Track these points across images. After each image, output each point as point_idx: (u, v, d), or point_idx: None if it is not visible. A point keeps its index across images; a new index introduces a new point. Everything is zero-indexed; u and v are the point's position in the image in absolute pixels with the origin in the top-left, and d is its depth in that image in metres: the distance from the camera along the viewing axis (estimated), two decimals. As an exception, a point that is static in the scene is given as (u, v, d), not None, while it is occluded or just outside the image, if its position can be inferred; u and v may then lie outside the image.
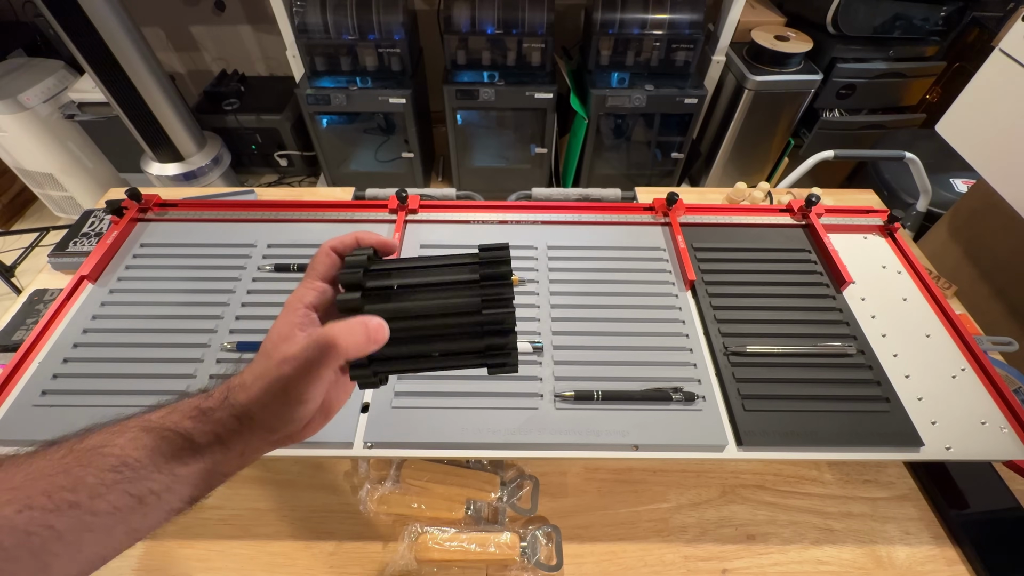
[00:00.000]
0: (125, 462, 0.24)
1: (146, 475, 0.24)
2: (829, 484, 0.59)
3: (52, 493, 0.22)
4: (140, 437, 0.25)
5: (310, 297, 0.29)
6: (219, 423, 0.26)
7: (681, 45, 1.57)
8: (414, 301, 0.28)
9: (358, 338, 0.26)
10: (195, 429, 0.26)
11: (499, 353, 0.29)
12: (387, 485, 0.56)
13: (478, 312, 0.28)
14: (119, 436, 0.25)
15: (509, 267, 0.29)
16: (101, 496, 0.23)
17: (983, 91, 0.84)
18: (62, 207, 1.91)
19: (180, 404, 0.27)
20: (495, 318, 0.28)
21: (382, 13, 1.51)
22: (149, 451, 0.25)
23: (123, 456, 0.24)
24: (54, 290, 0.71)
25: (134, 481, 0.24)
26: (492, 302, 0.28)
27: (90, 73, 1.44)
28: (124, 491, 0.24)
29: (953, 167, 1.39)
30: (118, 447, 0.25)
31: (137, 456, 0.25)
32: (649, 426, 0.49)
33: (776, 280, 0.62)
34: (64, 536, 0.22)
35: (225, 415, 0.26)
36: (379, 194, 0.78)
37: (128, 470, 0.24)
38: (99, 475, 0.23)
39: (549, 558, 0.53)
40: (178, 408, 0.27)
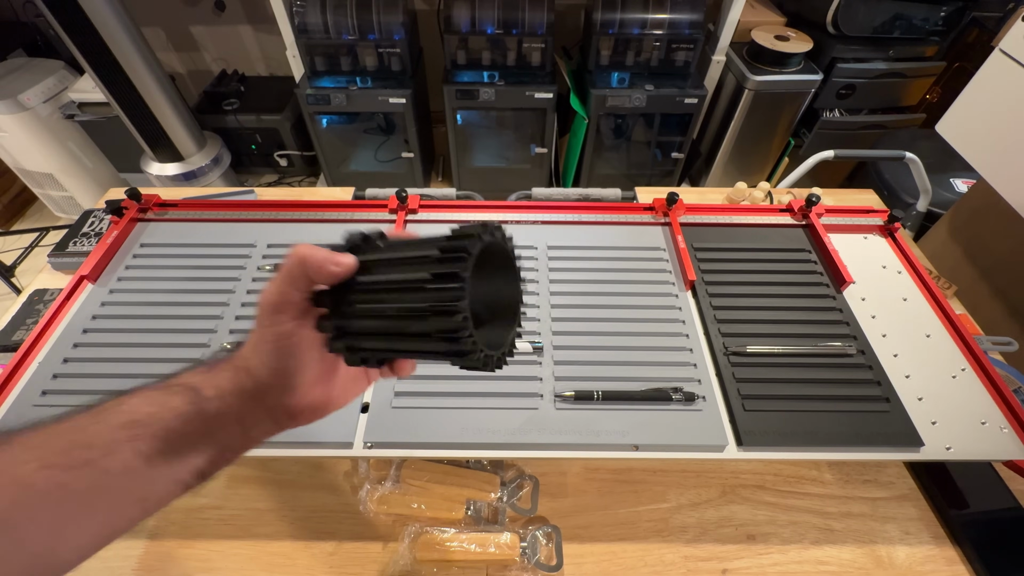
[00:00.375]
0: (136, 418, 0.25)
1: (155, 432, 0.25)
2: (829, 484, 0.59)
3: (68, 451, 0.23)
4: (151, 394, 0.26)
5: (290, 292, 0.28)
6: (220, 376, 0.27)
7: (681, 45, 1.57)
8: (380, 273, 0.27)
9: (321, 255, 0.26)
10: (200, 383, 0.27)
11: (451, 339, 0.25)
12: (387, 485, 0.56)
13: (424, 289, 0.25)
14: (132, 396, 0.26)
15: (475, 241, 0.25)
16: (113, 453, 0.24)
17: (983, 91, 0.84)
18: (62, 207, 1.91)
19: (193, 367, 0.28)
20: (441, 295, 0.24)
21: (382, 13, 1.51)
22: (159, 407, 0.26)
23: (134, 412, 0.25)
24: (54, 290, 0.71)
25: (144, 439, 0.24)
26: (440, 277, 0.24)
27: (90, 73, 1.44)
28: (134, 449, 0.24)
29: (953, 167, 1.39)
30: (130, 404, 0.25)
31: (149, 411, 0.25)
32: (649, 426, 0.49)
33: (776, 280, 0.62)
34: (79, 496, 0.23)
35: (227, 369, 0.28)
36: (379, 194, 0.78)
37: (140, 427, 0.25)
38: (112, 432, 0.24)
39: (549, 558, 0.53)
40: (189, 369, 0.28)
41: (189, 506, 0.56)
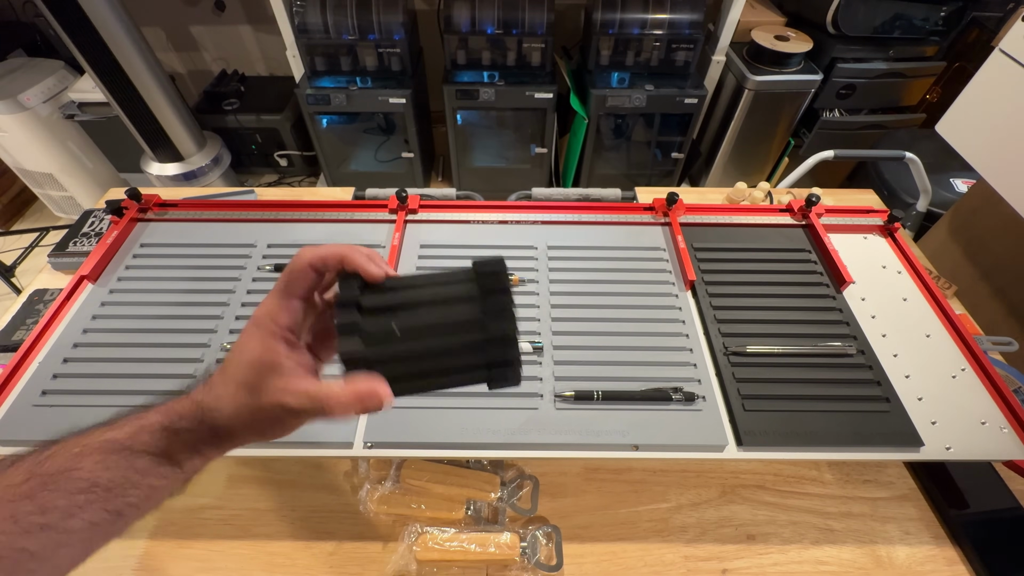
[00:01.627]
0: (96, 483, 0.24)
1: (121, 493, 0.25)
2: (829, 484, 0.59)
3: (18, 519, 0.22)
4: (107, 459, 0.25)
5: (286, 319, 0.27)
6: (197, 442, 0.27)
7: (681, 45, 1.57)
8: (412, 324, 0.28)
9: (352, 411, 0.26)
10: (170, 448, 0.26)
11: (502, 367, 0.28)
12: (387, 485, 0.56)
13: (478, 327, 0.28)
14: (84, 459, 0.25)
15: (507, 278, 0.28)
16: (74, 516, 0.23)
17: (983, 91, 0.84)
18: (62, 207, 1.91)
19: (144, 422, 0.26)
20: (496, 331, 0.27)
21: (382, 13, 1.51)
22: (121, 471, 0.25)
23: (93, 479, 0.24)
24: (54, 290, 0.71)
25: (109, 500, 0.24)
26: (492, 314, 0.27)
27: (90, 73, 1.44)
28: (100, 508, 0.24)
29: (953, 167, 1.39)
30: (85, 470, 0.24)
31: (109, 477, 0.25)
32: (649, 426, 0.49)
33: (776, 280, 0.62)
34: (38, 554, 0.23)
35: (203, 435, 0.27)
36: (379, 194, 0.78)
37: (101, 490, 0.24)
38: (70, 497, 0.24)
39: (549, 558, 0.53)
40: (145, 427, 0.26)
41: (189, 506, 0.56)
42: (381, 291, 0.29)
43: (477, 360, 0.28)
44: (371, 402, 0.26)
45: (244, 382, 0.26)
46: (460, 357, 0.28)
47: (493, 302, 0.28)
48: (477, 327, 0.28)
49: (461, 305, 0.28)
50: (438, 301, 0.28)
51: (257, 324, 0.27)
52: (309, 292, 0.29)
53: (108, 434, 0.26)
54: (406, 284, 0.29)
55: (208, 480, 0.58)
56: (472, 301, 0.28)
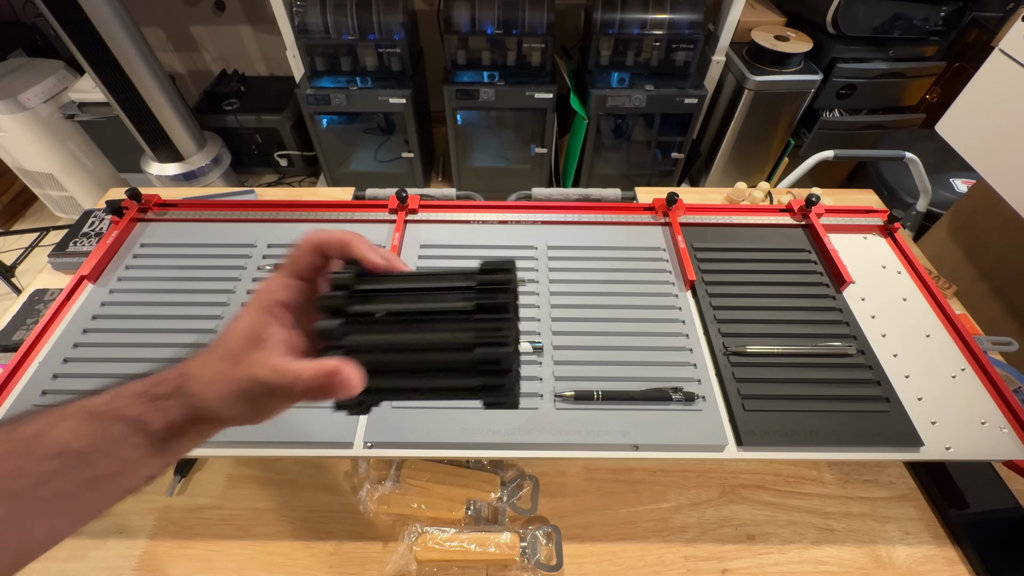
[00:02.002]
0: (67, 450, 0.24)
1: (93, 461, 0.24)
2: (829, 484, 0.59)
3: None
4: (82, 425, 0.24)
5: (283, 294, 0.27)
6: (171, 409, 0.26)
7: (681, 45, 1.57)
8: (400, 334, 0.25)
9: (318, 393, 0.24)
10: (145, 415, 0.25)
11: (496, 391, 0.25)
12: (387, 485, 0.56)
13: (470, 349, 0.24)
14: (58, 424, 0.24)
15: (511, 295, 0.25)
16: (46, 483, 0.23)
17: (983, 91, 0.84)
18: (62, 207, 1.91)
19: (124, 389, 0.26)
20: (490, 357, 0.24)
21: (382, 13, 1.51)
22: (95, 437, 0.24)
23: (64, 444, 0.24)
24: (54, 290, 0.71)
25: (80, 467, 0.24)
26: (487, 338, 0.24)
27: (90, 73, 1.44)
28: (70, 478, 0.23)
29: (953, 167, 1.39)
30: (57, 436, 0.24)
31: (82, 444, 0.24)
32: (649, 426, 0.49)
33: (776, 280, 0.62)
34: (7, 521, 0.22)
35: (178, 404, 0.26)
36: (379, 194, 0.78)
37: (72, 457, 0.24)
38: (40, 463, 0.23)
39: (549, 558, 0.53)
40: (123, 393, 0.26)
41: (189, 506, 0.56)
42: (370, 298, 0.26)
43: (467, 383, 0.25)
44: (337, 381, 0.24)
45: (227, 350, 0.26)
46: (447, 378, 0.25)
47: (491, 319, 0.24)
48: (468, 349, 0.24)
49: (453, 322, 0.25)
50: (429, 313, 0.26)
51: (255, 298, 0.27)
52: (312, 274, 0.28)
53: (87, 401, 0.26)
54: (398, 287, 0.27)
55: (208, 480, 0.58)
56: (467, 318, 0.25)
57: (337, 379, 0.24)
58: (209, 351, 0.27)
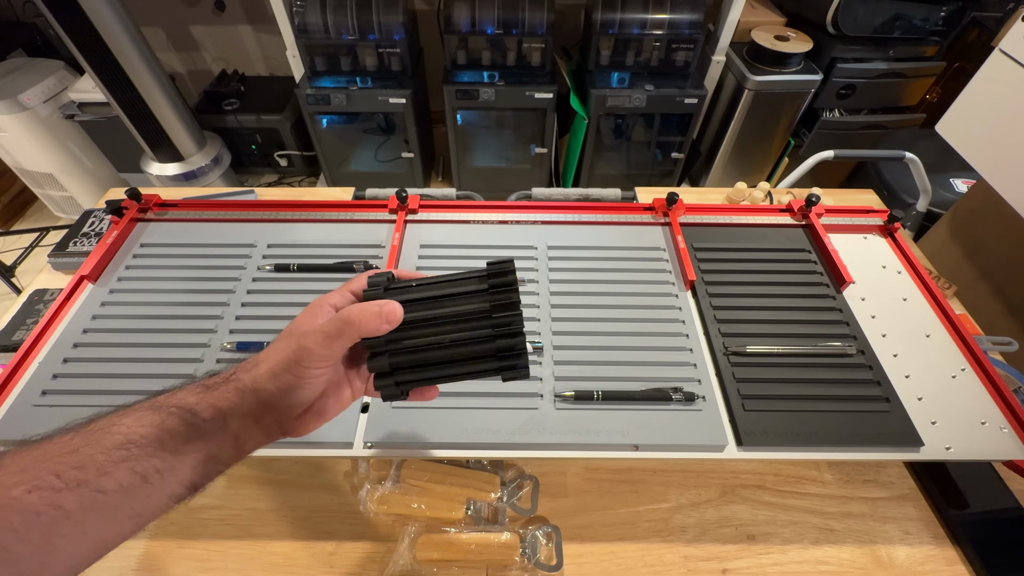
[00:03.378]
0: (131, 439, 0.25)
1: (151, 452, 0.25)
2: (829, 484, 0.59)
3: (61, 472, 0.23)
4: (145, 415, 0.26)
5: (336, 299, 0.31)
6: (220, 396, 0.27)
7: (681, 45, 1.57)
8: (429, 310, 0.31)
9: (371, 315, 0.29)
10: (197, 404, 0.27)
11: (510, 355, 0.31)
12: (387, 485, 0.56)
13: (488, 316, 0.31)
14: (125, 416, 0.26)
15: (514, 276, 0.31)
16: (108, 474, 0.24)
17: (983, 91, 0.84)
18: (62, 207, 1.91)
19: (190, 384, 0.29)
20: (503, 321, 0.30)
21: (382, 13, 1.51)
22: (154, 428, 0.26)
23: (129, 434, 0.25)
24: (54, 290, 0.71)
25: (139, 459, 0.25)
26: (500, 307, 0.30)
27: (90, 73, 1.44)
28: (130, 468, 0.24)
29: (953, 167, 1.39)
30: (125, 426, 0.25)
31: (143, 433, 0.25)
32: (649, 426, 0.49)
33: (776, 280, 0.62)
34: (72, 516, 0.23)
35: (228, 389, 0.28)
36: (379, 194, 0.78)
37: (134, 447, 0.25)
38: (106, 453, 0.24)
39: (549, 558, 0.53)
40: (186, 387, 0.28)
41: (189, 506, 0.56)
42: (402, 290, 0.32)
43: (487, 350, 0.31)
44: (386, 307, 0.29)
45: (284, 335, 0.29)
46: (470, 346, 0.31)
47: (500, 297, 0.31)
48: (486, 316, 0.31)
49: (472, 297, 0.31)
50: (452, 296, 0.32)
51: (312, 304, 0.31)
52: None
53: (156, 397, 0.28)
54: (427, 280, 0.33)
55: (208, 480, 0.58)
56: (482, 295, 0.31)
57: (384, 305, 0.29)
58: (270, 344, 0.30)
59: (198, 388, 0.28)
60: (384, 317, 0.29)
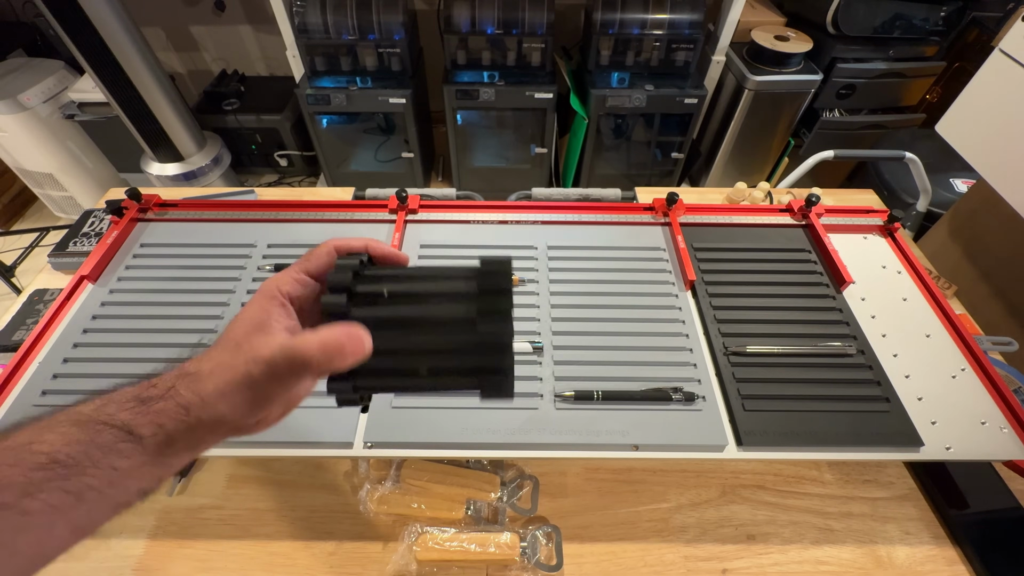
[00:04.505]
0: (56, 459, 0.22)
1: (81, 471, 0.23)
2: (829, 484, 0.59)
3: None
4: (71, 432, 0.23)
5: (289, 287, 0.27)
6: (162, 413, 0.24)
7: (681, 45, 1.57)
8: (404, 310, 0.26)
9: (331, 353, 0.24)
10: (133, 420, 0.24)
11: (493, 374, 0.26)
12: (387, 485, 0.56)
13: (472, 326, 0.25)
14: (47, 432, 0.23)
15: (509, 280, 0.26)
16: (32, 495, 0.22)
17: (983, 91, 0.84)
18: (62, 207, 1.91)
19: (116, 394, 0.25)
20: (490, 332, 0.25)
21: (382, 13, 1.51)
22: (83, 446, 0.23)
23: (53, 453, 0.23)
24: (54, 290, 0.71)
25: (68, 478, 0.22)
26: (488, 315, 0.25)
27: (90, 73, 1.44)
28: (59, 488, 0.22)
29: (953, 167, 1.39)
30: (47, 443, 0.23)
31: (69, 452, 0.23)
32: (649, 426, 0.49)
33: (776, 280, 0.62)
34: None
35: (170, 404, 0.25)
36: (379, 194, 0.78)
37: (60, 467, 0.22)
38: (28, 474, 0.22)
39: (549, 558, 0.53)
40: (114, 399, 0.25)
41: (189, 506, 0.56)
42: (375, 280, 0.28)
43: (467, 364, 0.26)
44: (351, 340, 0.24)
45: (230, 339, 0.26)
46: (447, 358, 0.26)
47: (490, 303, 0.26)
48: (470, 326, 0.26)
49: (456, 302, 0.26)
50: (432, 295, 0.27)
51: (261, 290, 0.28)
52: (325, 274, 0.29)
53: (78, 407, 0.25)
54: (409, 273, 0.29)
55: (208, 480, 0.58)
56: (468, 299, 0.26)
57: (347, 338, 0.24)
58: (211, 346, 0.27)
59: (130, 403, 0.25)
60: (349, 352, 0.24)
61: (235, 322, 0.27)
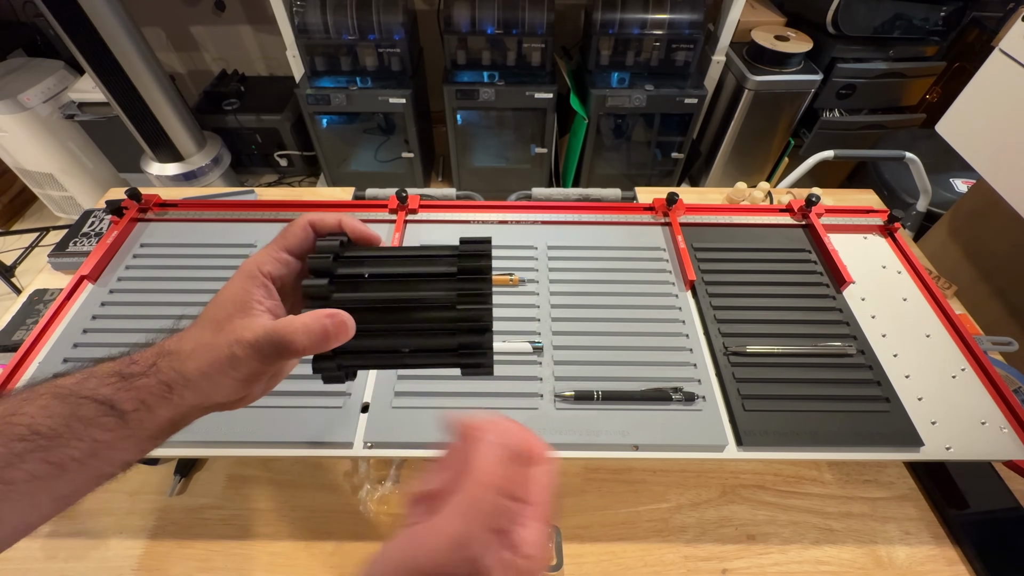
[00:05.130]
0: (36, 431, 0.23)
1: (63, 443, 0.23)
2: (829, 484, 0.59)
3: None
4: (51, 405, 0.24)
5: (270, 266, 0.27)
6: (144, 389, 0.25)
7: (681, 45, 1.57)
8: (385, 292, 0.27)
9: (315, 338, 0.25)
10: (115, 395, 0.24)
11: (473, 353, 0.27)
12: (387, 485, 0.56)
13: (452, 307, 0.27)
14: (28, 404, 0.24)
15: (488, 261, 0.27)
16: (13, 466, 0.22)
17: (983, 91, 0.84)
18: (62, 207, 1.91)
19: (97, 369, 0.25)
20: (470, 314, 0.27)
21: (382, 13, 1.51)
22: (63, 419, 0.23)
23: (33, 424, 0.23)
24: (54, 290, 0.71)
25: (50, 449, 0.23)
26: (468, 297, 0.27)
27: (90, 73, 1.44)
28: (41, 459, 0.23)
29: (953, 167, 1.39)
30: (27, 415, 0.23)
31: (51, 424, 0.23)
32: (649, 426, 0.49)
33: (776, 280, 0.62)
34: None
35: (152, 381, 0.25)
36: (379, 194, 0.78)
37: (41, 439, 0.23)
38: (8, 445, 0.22)
39: (549, 558, 0.53)
40: (95, 373, 0.25)
41: (189, 506, 0.56)
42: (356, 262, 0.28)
43: (447, 343, 0.27)
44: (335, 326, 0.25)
45: (211, 318, 0.26)
46: (429, 338, 0.27)
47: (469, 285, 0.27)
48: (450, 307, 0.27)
49: (436, 283, 0.27)
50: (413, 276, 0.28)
51: (241, 269, 0.28)
52: (303, 250, 0.29)
53: (58, 381, 0.25)
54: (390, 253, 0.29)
55: (208, 480, 0.58)
56: (449, 280, 0.27)
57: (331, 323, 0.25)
58: (191, 325, 0.27)
59: (111, 378, 0.25)
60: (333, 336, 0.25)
61: (215, 302, 0.27)
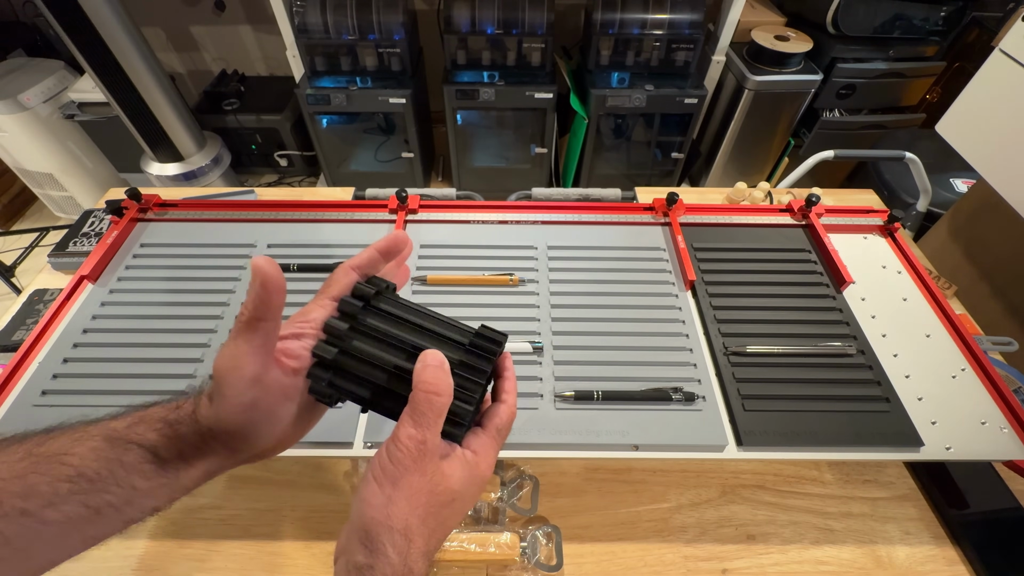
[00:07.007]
0: (83, 473, 0.23)
1: (104, 488, 0.24)
2: (829, 484, 0.59)
3: (2, 500, 0.22)
4: (102, 448, 0.24)
5: (316, 313, 0.29)
6: (182, 439, 0.26)
7: (681, 45, 1.57)
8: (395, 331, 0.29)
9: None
10: (159, 443, 0.25)
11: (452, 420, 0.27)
12: (387, 485, 0.56)
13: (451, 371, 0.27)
14: (80, 444, 0.24)
15: (499, 350, 0.29)
16: (54, 506, 0.23)
17: (983, 91, 0.84)
18: (62, 207, 1.91)
19: (148, 413, 0.26)
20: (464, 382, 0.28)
21: (382, 13, 1.51)
22: (109, 463, 0.24)
23: (81, 467, 0.24)
24: (54, 290, 0.71)
25: (91, 493, 0.23)
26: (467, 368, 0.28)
27: (90, 73, 1.44)
28: (80, 502, 0.23)
29: (953, 167, 1.39)
30: (77, 456, 0.24)
31: (97, 468, 0.24)
32: (649, 426, 0.49)
33: (776, 280, 0.62)
34: (12, 542, 0.22)
35: (189, 431, 0.26)
36: (379, 194, 0.78)
37: (85, 482, 0.23)
38: (54, 484, 0.23)
39: (549, 558, 0.53)
40: (145, 418, 0.26)
41: (189, 506, 0.56)
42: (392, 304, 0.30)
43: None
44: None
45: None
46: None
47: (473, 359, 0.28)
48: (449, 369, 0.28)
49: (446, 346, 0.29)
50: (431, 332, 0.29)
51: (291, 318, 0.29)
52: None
53: (111, 422, 0.26)
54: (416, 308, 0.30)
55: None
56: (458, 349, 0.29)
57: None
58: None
59: (158, 424, 0.26)
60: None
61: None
